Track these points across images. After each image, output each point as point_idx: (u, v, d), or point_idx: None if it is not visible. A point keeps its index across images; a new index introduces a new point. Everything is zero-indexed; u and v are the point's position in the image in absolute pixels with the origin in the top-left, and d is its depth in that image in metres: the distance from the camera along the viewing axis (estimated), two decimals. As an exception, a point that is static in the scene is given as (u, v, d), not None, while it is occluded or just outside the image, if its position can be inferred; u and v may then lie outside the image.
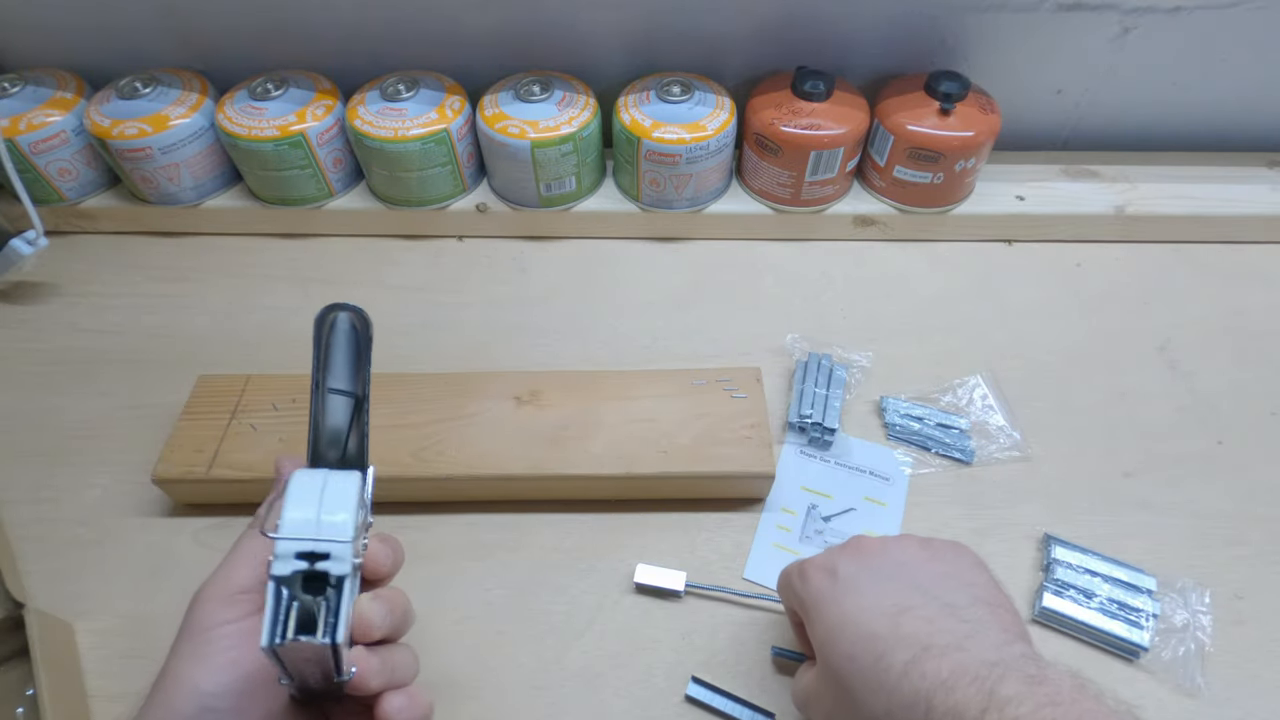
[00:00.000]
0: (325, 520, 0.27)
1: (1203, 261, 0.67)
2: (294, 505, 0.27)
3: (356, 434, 0.33)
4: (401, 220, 0.68)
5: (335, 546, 0.27)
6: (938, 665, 0.30)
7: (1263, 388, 0.58)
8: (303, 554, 0.26)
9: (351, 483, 0.29)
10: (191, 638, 0.31)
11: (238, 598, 0.31)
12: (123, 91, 0.63)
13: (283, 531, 0.26)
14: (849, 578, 0.35)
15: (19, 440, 0.55)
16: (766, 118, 0.62)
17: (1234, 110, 0.71)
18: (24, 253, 0.60)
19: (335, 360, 0.32)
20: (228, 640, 0.30)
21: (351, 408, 0.33)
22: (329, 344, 0.32)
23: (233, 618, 0.31)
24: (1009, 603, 0.35)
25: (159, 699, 0.30)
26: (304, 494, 0.28)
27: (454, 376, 0.54)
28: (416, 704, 0.32)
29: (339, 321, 0.32)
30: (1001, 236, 0.69)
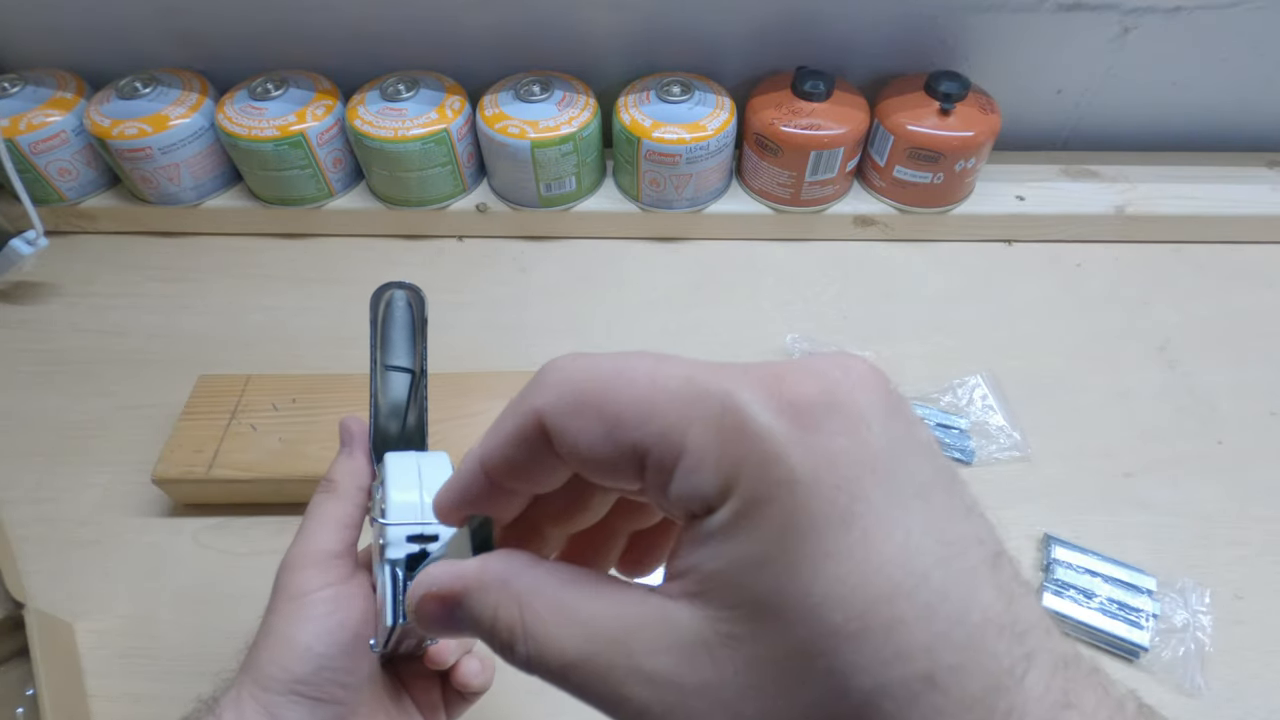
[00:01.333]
0: (430, 503, 0.28)
1: (1203, 261, 0.67)
2: (397, 489, 0.28)
3: (415, 408, 0.34)
4: (401, 220, 0.68)
5: (443, 530, 0.27)
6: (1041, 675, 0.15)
7: (1263, 388, 0.58)
8: (412, 537, 0.28)
9: (443, 463, 0.30)
10: (290, 602, 0.31)
11: (331, 563, 0.32)
12: (123, 91, 0.63)
13: (391, 517, 0.27)
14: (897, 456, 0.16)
15: (19, 440, 0.55)
16: (766, 118, 0.62)
17: (1234, 110, 0.71)
18: (24, 253, 0.60)
19: (392, 337, 0.33)
20: (329, 604, 0.31)
21: (410, 383, 0.34)
22: (385, 321, 0.33)
23: (330, 582, 0.31)
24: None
25: (269, 660, 0.30)
26: (403, 477, 0.28)
27: (454, 376, 0.54)
28: (487, 669, 0.36)
29: (395, 299, 0.33)
30: (1001, 236, 0.69)
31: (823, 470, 0.15)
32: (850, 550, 0.15)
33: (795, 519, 0.15)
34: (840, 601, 0.15)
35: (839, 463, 0.15)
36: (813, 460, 0.15)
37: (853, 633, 0.14)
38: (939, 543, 0.15)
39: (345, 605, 0.31)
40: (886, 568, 0.15)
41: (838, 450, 0.15)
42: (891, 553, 0.15)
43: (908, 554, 0.15)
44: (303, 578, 0.31)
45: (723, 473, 0.16)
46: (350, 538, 0.33)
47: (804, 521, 0.15)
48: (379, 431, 0.34)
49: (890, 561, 0.15)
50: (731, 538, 0.16)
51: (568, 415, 0.18)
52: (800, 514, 0.15)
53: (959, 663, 0.14)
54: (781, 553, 0.15)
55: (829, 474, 0.15)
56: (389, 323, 0.33)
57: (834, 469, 0.15)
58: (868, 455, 0.16)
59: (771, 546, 0.15)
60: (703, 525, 0.16)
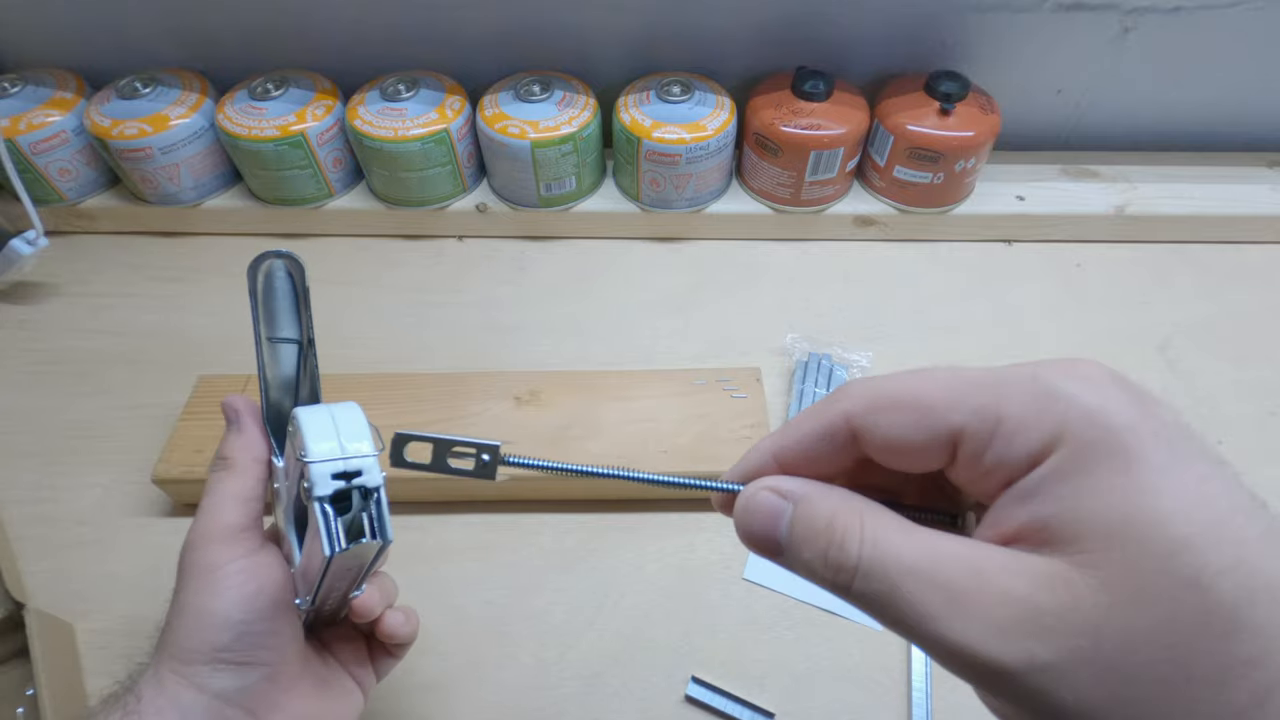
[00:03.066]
0: (349, 445, 0.28)
1: (1203, 261, 0.67)
2: (314, 438, 0.28)
3: (307, 380, 0.33)
4: (401, 220, 0.68)
5: (364, 462, 0.28)
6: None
7: (1263, 388, 0.58)
8: (337, 475, 0.28)
9: (355, 411, 0.30)
10: (202, 578, 0.31)
11: (238, 537, 0.32)
12: (123, 91, 0.63)
13: (311, 455, 0.28)
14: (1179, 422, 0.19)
15: (19, 440, 0.55)
16: (766, 118, 0.62)
17: (1234, 110, 0.71)
18: (24, 253, 0.60)
19: (274, 309, 0.32)
20: (243, 574, 0.31)
21: (298, 354, 0.33)
22: (266, 293, 0.32)
23: (239, 555, 0.32)
24: None
25: (187, 635, 0.31)
26: (319, 427, 0.29)
27: (454, 376, 0.54)
28: (411, 620, 0.37)
29: (274, 270, 0.32)
30: (1001, 236, 0.69)
31: (1140, 420, 0.18)
32: (1183, 480, 0.17)
33: (1131, 454, 0.17)
34: (1187, 517, 0.16)
35: (1151, 414, 0.18)
36: (1130, 412, 0.18)
37: (1205, 544, 0.16)
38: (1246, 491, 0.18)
39: (259, 574, 0.32)
40: (1219, 497, 0.17)
41: (1148, 407, 0.18)
42: (1219, 486, 0.17)
43: (1231, 490, 0.17)
44: (212, 553, 0.32)
45: (1045, 430, 0.18)
46: (254, 511, 0.33)
47: (1139, 456, 0.17)
48: (272, 406, 0.33)
49: (1221, 493, 0.17)
50: (1068, 480, 0.18)
51: (879, 413, 0.21)
52: (1134, 450, 0.17)
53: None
54: (1124, 483, 0.17)
55: (1146, 423, 0.18)
56: (270, 294, 0.32)
57: (1149, 420, 0.18)
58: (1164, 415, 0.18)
59: (1114, 478, 0.17)
60: (1026, 481, 0.18)
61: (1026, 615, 0.17)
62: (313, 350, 0.33)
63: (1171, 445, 0.18)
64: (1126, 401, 0.18)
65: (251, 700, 0.31)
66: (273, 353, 0.33)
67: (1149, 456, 0.17)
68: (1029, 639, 0.17)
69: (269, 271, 0.32)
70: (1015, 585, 0.17)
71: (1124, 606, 0.16)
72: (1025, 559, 0.18)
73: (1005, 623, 0.17)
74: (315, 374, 0.34)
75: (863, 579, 0.20)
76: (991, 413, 0.19)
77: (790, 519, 0.21)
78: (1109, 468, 0.17)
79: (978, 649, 0.17)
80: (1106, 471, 0.17)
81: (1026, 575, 0.18)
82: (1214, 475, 0.18)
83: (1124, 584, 0.17)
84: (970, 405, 0.20)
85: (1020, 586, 0.17)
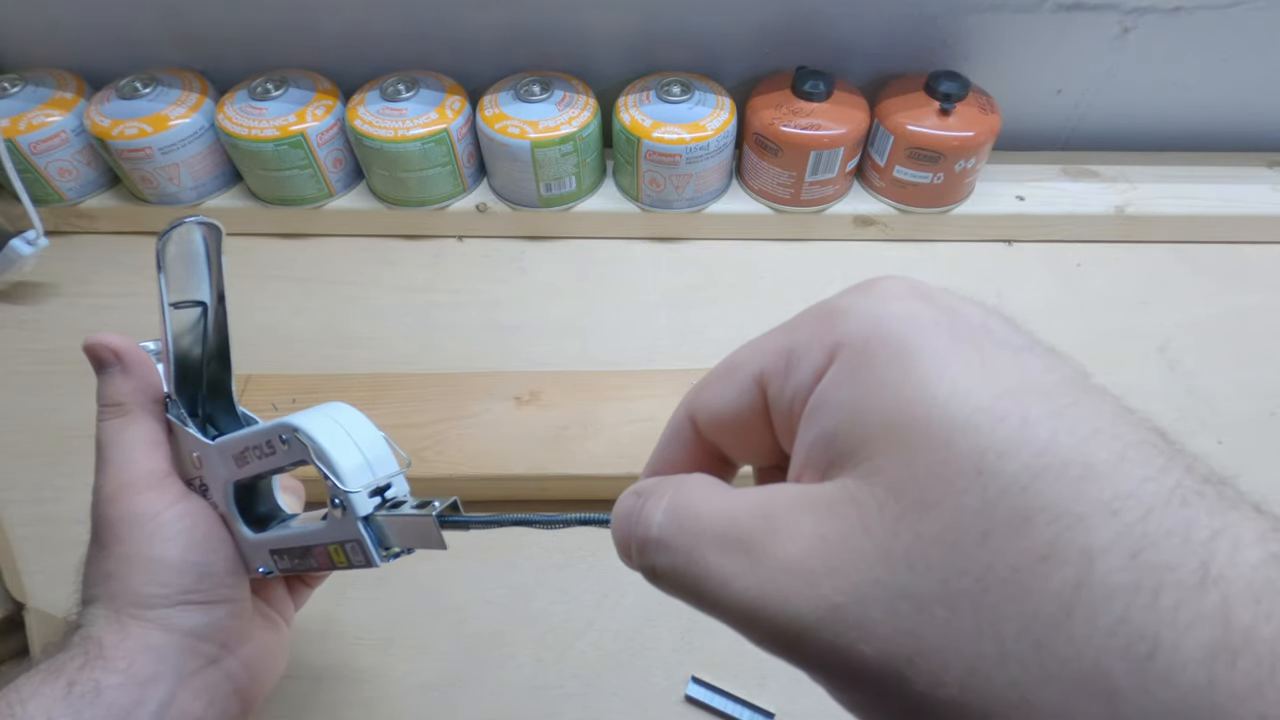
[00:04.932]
0: (370, 457, 0.29)
1: (1203, 261, 0.67)
2: (339, 454, 0.28)
3: (216, 334, 0.33)
4: (401, 220, 0.68)
5: (396, 478, 0.30)
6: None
7: (1263, 388, 0.58)
8: (373, 492, 0.29)
9: (355, 414, 0.30)
10: (140, 527, 0.30)
11: (164, 483, 0.32)
12: (123, 91, 0.63)
13: (350, 484, 0.28)
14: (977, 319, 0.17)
15: (19, 440, 0.55)
16: (766, 118, 0.62)
17: (1234, 110, 0.71)
18: (24, 253, 0.60)
19: (185, 275, 0.32)
20: (187, 518, 0.31)
21: (201, 314, 0.33)
22: (177, 261, 0.31)
23: (173, 501, 0.31)
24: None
25: (143, 582, 0.30)
26: (335, 442, 0.29)
27: (454, 376, 0.54)
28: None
29: (188, 237, 0.31)
30: (1001, 236, 0.69)
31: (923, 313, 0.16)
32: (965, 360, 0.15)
33: (909, 345, 0.15)
34: (965, 398, 0.14)
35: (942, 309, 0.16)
36: (914, 308, 0.16)
37: (985, 424, 0.14)
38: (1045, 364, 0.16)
39: (201, 518, 0.31)
40: (1008, 372, 0.15)
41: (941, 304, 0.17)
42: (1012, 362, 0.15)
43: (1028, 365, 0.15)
44: (142, 502, 0.31)
45: (826, 345, 0.17)
46: (167, 455, 0.33)
47: (918, 345, 0.15)
48: (179, 363, 0.32)
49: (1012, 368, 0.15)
50: (843, 386, 0.16)
51: (701, 391, 0.21)
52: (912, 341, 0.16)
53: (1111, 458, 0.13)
54: (901, 375, 0.15)
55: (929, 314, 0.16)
56: (183, 261, 0.31)
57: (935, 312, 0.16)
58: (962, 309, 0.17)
59: (890, 373, 0.15)
60: (811, 400, 0.17)
61: (815, 553, 0.15)
62: (222, 305, 0.33)
63: (956, 332, 0.16)
64: (913, 301, 0.17)
65: (221, 634, 0.31)
66: (180, 317, 0.32)
67: (928, 344, 0.15)
68: (821, 582, 0.14)
69: (183, 238, 0.31)
70: (803, 522, 0.15)
71: (910, 515, 0.14)
72: (814, 488, 0.16)
73: (797, 566, 0.15)
74: (224, 327, 0.33)
75: (663, 553, 0.17)
76: (784, 348, 0.18)
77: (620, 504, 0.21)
78: (886, 364, 0.15)
79: (768, 605, 0.15)
80: (883, 368, 0.15)
81: (814, 506, 0.15)
82: (1008, 354, 0.15)
83: (907, 488, 0.14)
84: (768, 348, 0.19)
85: (808, 522, 0.15)
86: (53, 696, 0.27)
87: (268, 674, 0.34)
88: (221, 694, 0.31)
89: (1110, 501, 0.13)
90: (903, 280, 0.18)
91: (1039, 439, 0.14)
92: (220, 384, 0.34)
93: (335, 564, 0.30)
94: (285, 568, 0.32)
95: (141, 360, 0.33)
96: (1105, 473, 0.13)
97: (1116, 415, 0.15)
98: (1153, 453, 0.14)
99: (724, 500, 0.17)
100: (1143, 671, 0.12)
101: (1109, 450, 0.13)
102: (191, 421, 0.33)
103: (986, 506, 0.13)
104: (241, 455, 0.31)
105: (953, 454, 0.14)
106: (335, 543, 0.29)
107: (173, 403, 0.33)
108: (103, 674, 0.28)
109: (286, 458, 0.30)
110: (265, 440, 0.30)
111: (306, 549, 0.31)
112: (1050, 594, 0.12)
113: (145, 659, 0.29)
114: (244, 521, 0.32)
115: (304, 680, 0.44)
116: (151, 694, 0.29)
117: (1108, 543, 0.12)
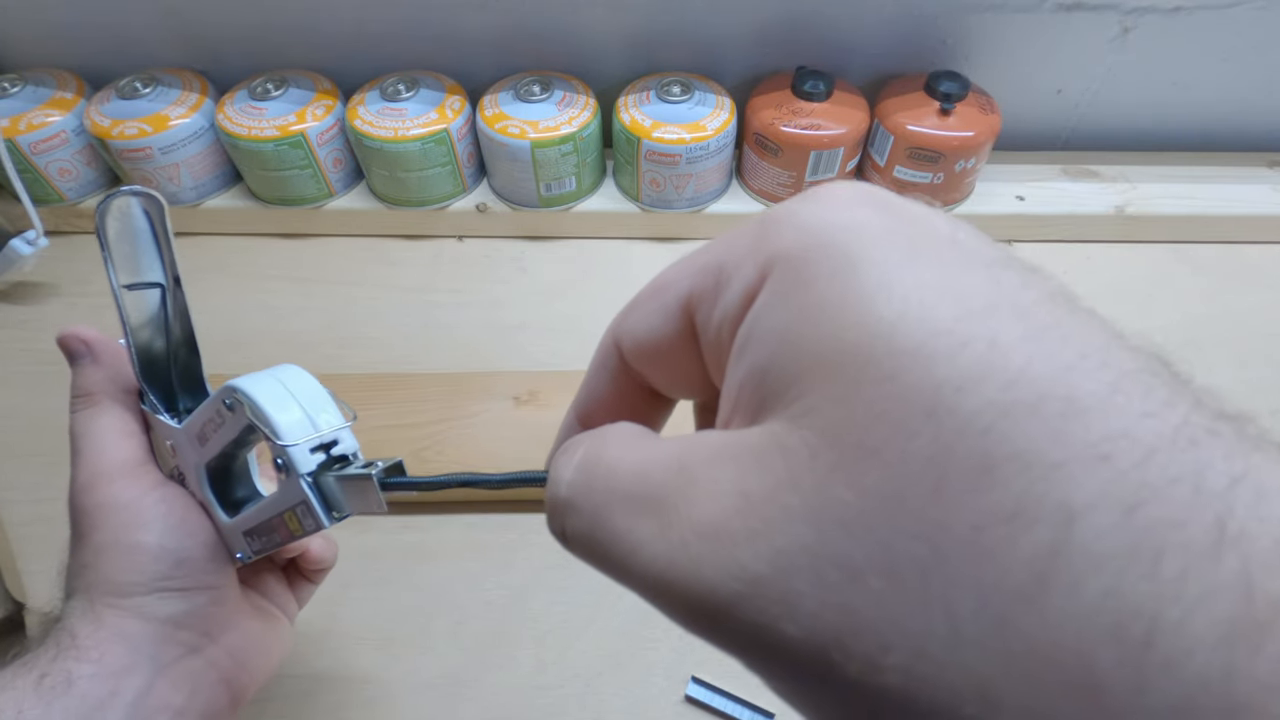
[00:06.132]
0: (312, 413, 0.27)
1: (1203, 261, 0.67)
2: (276, 410, 0.27)
3: (178, 320, 0.31)
4: (401, 220, 0.68)
5: (341, 433, 0.27)
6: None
7: (1263, 388, 0.58)
8: (315, 449, 0.27)
9: (302, 374, 0.29)
10: (117, 515, 0.30)
11: (140, 470, 0.31)
12: (123, 91, 0.63)
13: (289, 438, 0.26)
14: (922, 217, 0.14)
15: (19, 440, 0.55)
16: (766, 118, 0.62)
17: (1234, 110, 0.71)
18: (24, 253, 0.60)
19: (131, 253, 0.30)
20: (164, 504, 0.30)
21: (162, 296, 0.31)
22: (120, 238, 0.29)
23: (149, 487, 0.31)
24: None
25: (119, 570, 0.29)
26: (276, 398, 0.27)
27: (454, 376, 0.54)
28: (331, 545, 0.38)
29: (128, 209, 0.29)
30: (1001, 236, 0.69)
31: (871, 218, 0.13)
32: (919, 276, 0.12)
33: (852, 258, 0.13)
34: (918, 320, 0.11)
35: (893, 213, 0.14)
36: (860, 213, 0.13)
37: (942, 351, 0.11)
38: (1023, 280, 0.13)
39: (178, 505, 0.31)
40: (973, 289, 0.12)
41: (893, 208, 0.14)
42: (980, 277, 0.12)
43: (1000, 281, 0.12)
44: (118, 490, 0.30)
45: (760, 260, 0.14)
46: (143, 444, 0.32)
47: (862, 258, 0.13)
48: (142, 353, 0.31)
49: (980, 285, 0.12)
50: (776, 310, 0.13)
51: (628, 315, 0.18)
52: (855, 254, 0.13)
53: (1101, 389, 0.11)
54: (841, 296, 0.12)
55: (878, 221, 0.13)
56: (125, 238, 0.30)
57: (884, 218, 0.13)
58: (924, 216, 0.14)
59: (829, 292, 0.12)
60: (741, 329, 0.14)
61: (734, 513, 0.12)
62: (179, 289, 0.31)
63: (914, 242, 0.13)
64: (863, 207, 0.14)
65: (203, 622, 0.30)
66: (135, 300, 0.31)
67: (877, 256, 0.12)
68: (740, 548, 0.12)
69: (122, 212, 0.29)
70: (724, 476, 0.13)
71: (846, 465, 0.11)
72: (739, 434, 0.13)
73: (713, 528, 0.12)
74: (185, 313, 0.31)
75: (571, 515, 0.15)
76: (714, 265, 0.15)
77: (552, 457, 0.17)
78: (825, 282, 0.13)
79: (678, 576, 0.12)
80: (821, 287, 0.13)
81: (738, 457, 0.13)
82: (978, 268, 0.13)
83: (844, 432, 0.11)
84: (697, 266, 0.16)
85: (729, 475, 0.12)
86: (23, 689, 0.26)
87: (258, 664, 0.33)
88: (205, 683, 0.30)
89: (1098, 443, 0.10)
90: (856, 184, 0.15)
91: (1009, 367, 0.11)
92: (191, 372, 0.33)
93: (294, 534, 0.29)
94: (258, 549, 0.31)
95: (112, 350, 0.33)
96: (1093, 407, 0.10)
97: (1109, 339, 0.12)
98: (1154, 382, 0.11)
99: (640, 453, 0.15)
100: (1138, 661, 0.09)
101: (1098, 380, 0.11)
102: (166, 413, 0.32)
103: (940, 453, 0.11)
104: (201, 433, 0.30)
105: (900, 389, 0.11)
106: (289, 509, 0.28)
107: (145, 393, 0.32)
108: (75, 664, 0.27)
109: (235, 425, 0.28)
110: (215, 410, 0.29)
111: (270, 524, 0.29)
112: (1019, 561, 0.10)
113: (119, 649, 0.28)
114: (220, 506, 0.31)
115: (304, 680, 0.44)
116: (127, 684, 0.28)
117: (1095, 496, 0.10)
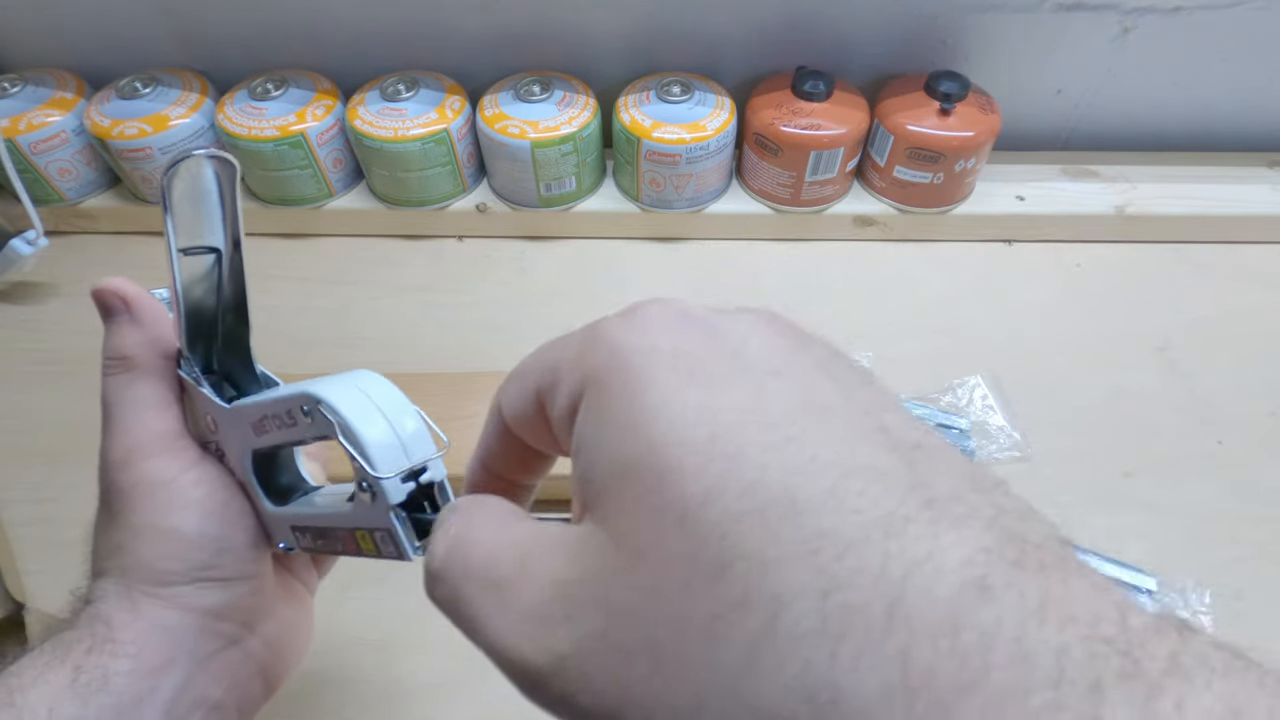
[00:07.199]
0: (404, 436, 0.26)
1: (1203, 261, 0.67)
2: (364, 426, 0.25)
3: (232, 283, 0.29)
4: (401, 220, 0.68)
5: (433, 462, 0.26)
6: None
7: (1263, 388, 0.58)
8: (407, 476, 0.25)
9: (381, 381, 0.27)
10: (153, 494, 0.28)
11: (177, 444, 0.30)
12: (123, 91, 0.63)
13: (382, 469, 0.25)
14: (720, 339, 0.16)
15: (19, 440, 0.55)
16: (766, 118, 0.62)
17: (1234, 110, 0.71)
18: (24, 253, 0.60)
19: (196, 217, 0.28)
20: (203, 486, 0.29)
21: (215, 261, 0.29)
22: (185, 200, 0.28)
23: (188, 465, 0.29)
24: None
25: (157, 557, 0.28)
26: (366, 419, 0.25)
27: (454, 376, 0.54)
28: None
29: (200, 169, 0.27)
30: (1001, 236, 0.69)
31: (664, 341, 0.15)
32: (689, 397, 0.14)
33: (641, 380, 0.15)
34: (679, 438, 0.14)
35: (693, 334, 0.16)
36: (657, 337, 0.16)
37: (694, 467, 0.13)
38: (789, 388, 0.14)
39: (219, 485, 0.29)
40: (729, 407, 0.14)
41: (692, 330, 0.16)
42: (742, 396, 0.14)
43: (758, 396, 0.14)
44: (154, 467, 0.28)
45: (580, 374, 0.16)
46: (179, 415, 0.30)
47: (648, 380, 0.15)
48: (191, 316, 0.29)
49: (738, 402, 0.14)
50: (588, 423, 0.16)
51: (502, 390, 0.21)
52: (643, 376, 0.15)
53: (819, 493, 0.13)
54: (629, 414, 0.14)
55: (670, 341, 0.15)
56: (193, 200, 0.28)
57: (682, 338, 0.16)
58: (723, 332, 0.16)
59: (622, 411, 0.15)
60: (574, 434, 0.16)
61: (556, 598, 0.14)
62: (238, 253, 0.29)
63: (693, 362, 0.15)
64: (660, 332, 0.16)
65: (242, 613, 0.29)
66: (190, 265, 0.29)
67: (658, 378, 0.15)
68: (554, 630, 0.14)
69: (192, 174, 0.28)
70: (554, 565, 0.15)
71: (626, 565, 0.14)
72: (570, 529, 0.16)
73: (537, 612, 0.15)
74: (242, 276, 0.30)
75: (437, 584, 0.18)
76: (552, 365, 0.18)
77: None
78: (618, 402, 0.15)
79: (509, 650, 0.15)
80: (614, 406, 0.15)
81: (567, 549, 0.15)
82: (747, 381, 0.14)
83: (626, 536, 0.14)
84: (542, 364, 0.19)
85: (557, 565, 0.15)
86: (57, 684, 0.25)
87: (293, 651, 0.32)
88: (243, 675, 0.29)
89: (809, 539, 0.12)
90: (667, 304, 0.17)
91: (745, 479, 0.13)
92: (237, 339, 0.31)
93: (363, 551, 0.27)
94: (308, 546, 0.29)
95: (153, 310, 0.31)
96: (808, 509, 0.12)
97: (848, 437, 0.14)
98: (872, 477, 0.13)
99: (498, 537, 0.17)
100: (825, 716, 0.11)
101: (818, 484, 0.13)
102: (206, 380, 0.30)
103: (689, 555, 0.13)
104: (260, 423, 0.28)
105: (662, 501, 0.13)
106: (363, 529, 0.26)
107: (185, 359, 0.30)
108: (111, 660, 0.26)
109: (309, 431, 0.26)
110: (285, 410, 0.27)
111: (335, 533, 0.28)
112: (740, 643, 0.12)
113: (158, 642, 0.27)
114: (264, 493, 0.29)
115: (304, 680, 0.44)
116: (165, 680, 0.27)
117: (800, 587, 0.12)
